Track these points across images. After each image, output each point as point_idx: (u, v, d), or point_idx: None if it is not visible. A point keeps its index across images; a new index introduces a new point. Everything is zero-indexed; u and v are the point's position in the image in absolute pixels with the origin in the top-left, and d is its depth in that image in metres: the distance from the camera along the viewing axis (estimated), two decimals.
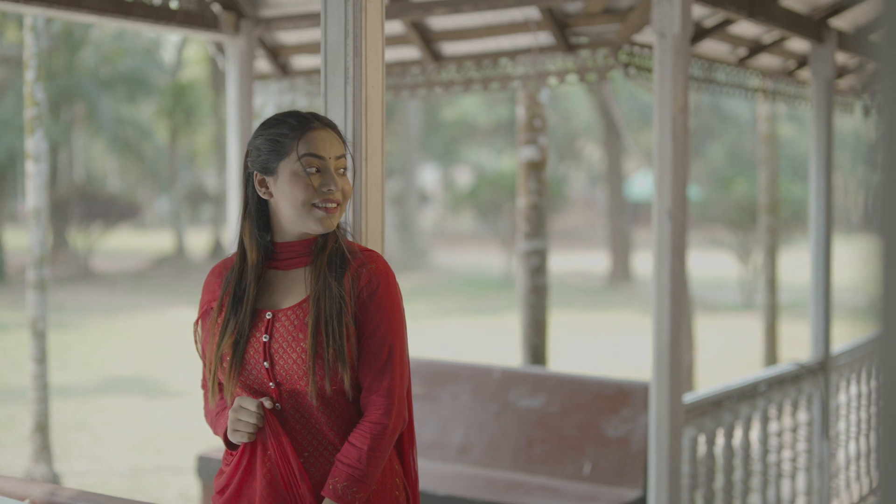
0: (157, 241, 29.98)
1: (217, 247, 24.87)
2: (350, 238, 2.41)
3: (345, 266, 2.27)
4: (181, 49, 27.30)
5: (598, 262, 25.31)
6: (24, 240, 7.11)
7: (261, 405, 2.23)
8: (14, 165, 20.68)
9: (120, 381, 10.92)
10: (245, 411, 2.23)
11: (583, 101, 29.29)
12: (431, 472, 4.92)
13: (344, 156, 2.31)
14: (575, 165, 38.24)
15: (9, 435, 8.37)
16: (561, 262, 24.16)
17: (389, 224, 24.86)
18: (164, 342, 13.55)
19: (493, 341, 13.46)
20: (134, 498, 6.48)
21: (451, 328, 15.22)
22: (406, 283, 21.24)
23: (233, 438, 2.27)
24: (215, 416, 2.37)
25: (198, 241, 28.57)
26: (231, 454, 2.35)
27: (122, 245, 27.90)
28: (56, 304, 16.57)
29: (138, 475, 7.28)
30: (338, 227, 2.33)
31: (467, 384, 5.15)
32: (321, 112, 2.82)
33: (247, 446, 2.28)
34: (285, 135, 2.27)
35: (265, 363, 2.24)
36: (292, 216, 2.27)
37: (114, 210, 24.10)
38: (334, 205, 2.26)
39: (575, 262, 25.57)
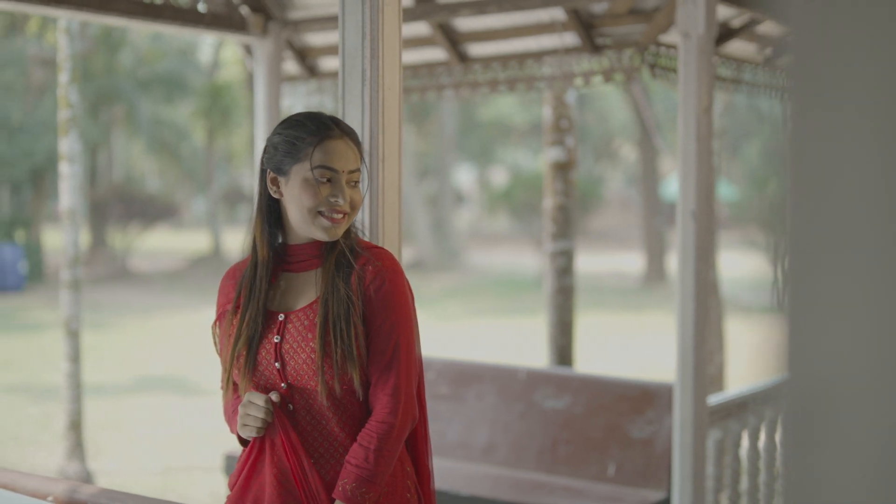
0: (194, 241, 30.19)
1: None
2: (362, 237, 2.42)
3: (352, 265, 2.29)
4: (218, 50, 27.49)
5: (633, 262, 25.21)
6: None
7: (269, 400, 2.26)
8: (54, 167, 20.89)
9: (154, 380, 11.02)
10: (253, 406, 2.26)
11: (619, 101, 29.18)
12: (456, 473, 4.93)
13: (358, 170, 2.32)
14: (612, 165, 38.08)
15: (44, 433, 8.47)
16: (597, 263, 24.08)
17: (424, 224, 24.88)
18: (199, 342, 13.64)
19: (525, 342, 13.44)
20: (163, 496, 6.55)
21: (484, 328, 15.22)
22: (439, 283, 21.26)
23: (242, 433, 2.30)
24: (231, 414, 2.41)
25: (234, 242, 28.73)
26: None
27: (159, 245, 28.12)
28: (93, 304, 16.74)
29: (169, 473, 7.34)
30: (351, 226, 2.35)
31: (493, 385, 5.15)
32: (339, 114, 2.84)
33: (256, 442, 2.31)
34: (303, 139, 2.28)
35: (276, 363, 2.27)
36: (298, 220, 2.30)
37: (151, 210, 24.32)
38: (341, 216, 2.28)
39: (610, 262, 25.47)
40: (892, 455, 0.48)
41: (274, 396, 2.26)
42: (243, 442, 2.38)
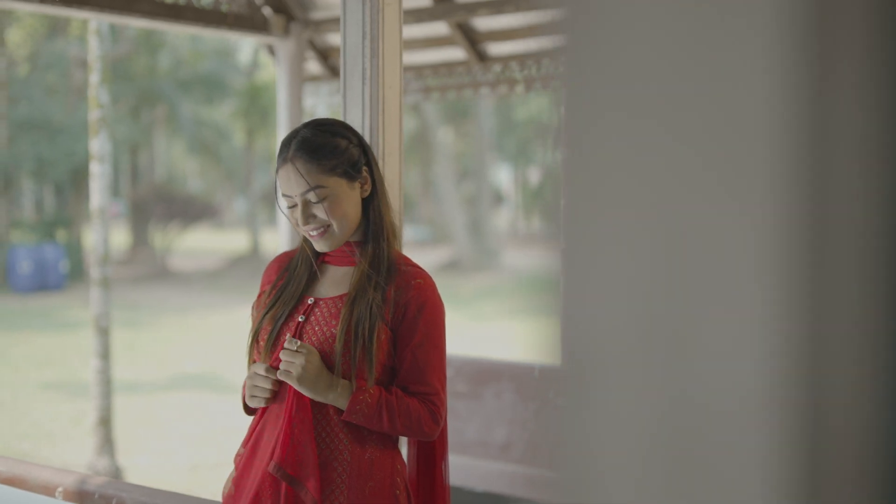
0: (234, 240, 30.44)
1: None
2: (398, 248, 2.49)
3: (390, 277, 2.34)
4: (256, 51, 27.70)
5: None
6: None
7: (270, 368, 2.31)
8: None
9: (188, 377, 11.14)
10: (259, 377, 2.32)
11: None
12: (474, 470, 4.96)
13: (312, 188, 2.32)
14: None
15: (76, 429, 8.60)
16: None
17: (461, 225, 24.91)
18: (235, 340, 13.76)
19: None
20: (191, 492, 6.63)
21: (517, 328, 15.24)
22: (475, 283, 21.29)
23: (251, 403, 2.35)
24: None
25: (273, 242, 28.94)
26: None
27: (199, 245, 28.38)
28: (132, 302, 16.94)
29: (199, 470, 7.43)
30: (388, 228, 2.41)
31: (510, 382, 5.18)
32: (341, 113, 2.88)
33: (263, 411, 2.37)
34: (277, 164, 2.41)
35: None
36: None
37: (191, 210, 24.58)
38: (317, 231, 2.34)
39: None
40: (652, 427, 0.50)
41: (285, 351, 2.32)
42: (250, 412, 2.44)
